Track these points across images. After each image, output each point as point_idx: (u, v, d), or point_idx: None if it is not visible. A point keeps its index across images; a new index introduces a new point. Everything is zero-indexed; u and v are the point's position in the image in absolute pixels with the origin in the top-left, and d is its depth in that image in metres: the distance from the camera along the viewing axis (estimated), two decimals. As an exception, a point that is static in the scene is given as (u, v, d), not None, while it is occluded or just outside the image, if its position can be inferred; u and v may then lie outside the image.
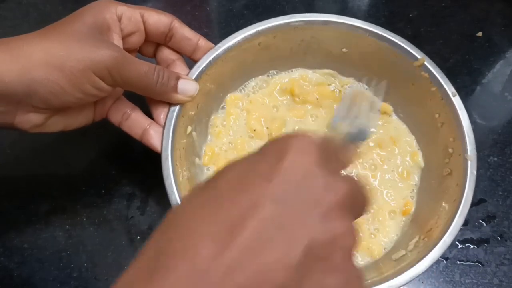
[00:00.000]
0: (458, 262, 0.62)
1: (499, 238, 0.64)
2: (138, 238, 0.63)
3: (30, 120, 0.49)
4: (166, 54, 0.59)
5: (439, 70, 0.58)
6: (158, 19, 0.55)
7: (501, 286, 0.61)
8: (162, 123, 0.56)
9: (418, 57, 0.58)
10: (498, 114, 0.74)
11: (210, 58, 0.58)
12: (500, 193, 0.67)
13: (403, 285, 0.48)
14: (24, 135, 0.69)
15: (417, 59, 0.59)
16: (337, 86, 0.67)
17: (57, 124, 0.53)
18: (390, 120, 0.66)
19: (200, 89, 0.57)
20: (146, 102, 0.58)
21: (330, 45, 0.64)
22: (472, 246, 0.63)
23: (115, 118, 0.57)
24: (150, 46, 0.59)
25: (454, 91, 0.56)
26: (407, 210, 0.59)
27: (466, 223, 0.65)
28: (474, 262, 0.62)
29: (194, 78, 0.57)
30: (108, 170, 0.67)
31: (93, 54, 0.47)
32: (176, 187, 0.51)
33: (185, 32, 0.57)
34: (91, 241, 0.63)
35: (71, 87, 0.47)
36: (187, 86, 0.55)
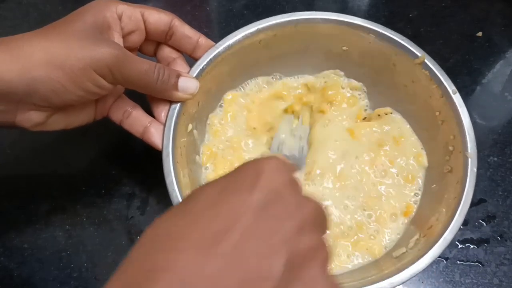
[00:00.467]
0: (458, 262, 0.62)
1: (499, 238, 0.64)
2: (138, 238, 0.63)
3: (31, 118, 0.49)
4: (166, 52, 0.59)
5: (439, 67, 0.58)
6: (159, 18, 0.56)
7: (501, 286, 0.61)
8: (163, 121, 0.56)
9: (418, 54, 0.58)
10: (498, 114, 0.74)
11: (211, 56, 0.58)
12: (500, 193, 0.67)
13: (404, 282, 0.47)
14: (24, 135, 0.69)
15: (417, 57, 0.59)
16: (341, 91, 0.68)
17: (58, 122, 0.53)
18: (393, 118, 0.65)
19: (200, 87, 0.57)
20: (147, 100, 0.58)
21: (330, 43, 0.64)
22: (472, 246, 0.63)
23: (116, 116, 0.58)
24: (151, 45, 0.60)
25: (455, 89, 0.56)
26: (409, 212, 0.59)
27: (466, 223, 0.65)
28: (474, 262, 0.62)
29: (194, 76, 0.57)
30: (108, 170, 0.67)
31: (93, 52, 0.47)
32: (177, 185, 0.51)
33: (185, 30, 0.58)
34: (91, 241, 0.63)
35: (72, 85, 0.47)
36: (188, 84, 0.55)
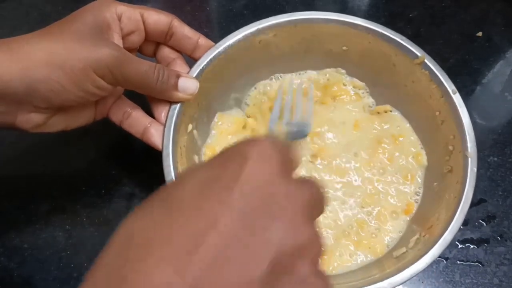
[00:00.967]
0: (458, 262, 0.62)
1: (499, 238, 0.64)
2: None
3: (31, 120, 0.50)
4: (166, 53, 0.59)
5: (439, 67, 0.58)
6: (158, 18, 0.56)
7: (501, 286, 0.61)
8: (163, 122, 0.56)
9: (418, 54, 0.59)
10: (498, 114, 0.74)
11: (211, 56, 0.58)
12: (500, 193, 0.67)
13: (404, 282, 0.47)
14: (24, 135, 0.69)
15: (417, 57, 0.59)
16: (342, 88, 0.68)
17: (58, 123, 0.53)
18: (393, 117, 0.65)
19: (201, 87, 0.57)
20: (147, 101, 0.58)
21: (330, 43, 0.64)
22: (472, 246, 0.63)
23: (116, 117, 0.58)
24: (150, 45, 0.60)
25: (454, 89, 0.57)
26: (409, 210, 0.59)
27: (466, 223, 0.65)
28: (474, 262, 0.62)
29: (194, 76, 0.57)
30: (108, 170, 0.67)
31: (93, 53, 0.47)
32: (177, 185, 0.51)
33: (185, 30, 0.58)
34: (91, 241, 0.63)
35: (72, 86, 0.47)
36: (188, 84, 0.55)
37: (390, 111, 0.65)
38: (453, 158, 0.56)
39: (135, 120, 0.57)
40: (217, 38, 0.60)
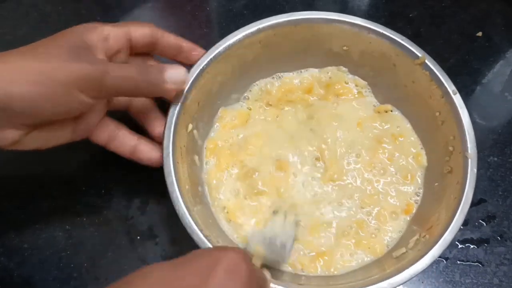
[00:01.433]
0: (458, 262, 0.62)
1: (499, 238, 0.64)
2: (138, 238, 0.63)
3: (7, 137, 0.48)
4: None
5: (440, 68, 0.58)
6: (142, 32, 0.55)
7: (501, 286, 0.61)
8: (157, 134, 0.56)
9: (419, 55, 0.59)
10: (498, 114, 0.74)
11: (211, 56, 0.58)
12: (500, 193, 0.67)
13: (404, 283, 0.47)
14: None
15: (417, 57, 0.59)
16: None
17: (34, 141, 0.52)
18: (394, 117, 0.65)
19: (201, 87, 0.57)
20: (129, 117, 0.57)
21: (330, 43, 0.64)
22: (472, 246, 0.63)
23: (101, 138, 0.57)
24: (137, 58, 0.59)
25: (455, 89, 0.56)
26: (409, 210, 0.59)
27: (466, 223, 0.65)
28: (474, 262, 0.62)
29: (195, 76, 0.57)
30: (108, 170, 0.67)
31: (74, 67, 0.46)
32: (177, 185, 0.51)
33: (168, 38, 0.57)
34: (91, 241, 0.63)
35: (51, 101, 0.46)
36: (175, 73, 0.53)
37: (391, 111, 0.65)
38: (453, 159, 0.56)
39: (122, 140, 0.57)
40: (217, 38, 0.60)
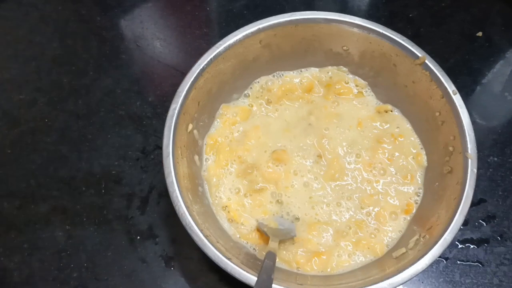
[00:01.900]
0: (458, 262, 0.62)
1: (499, 238, 0.64)
2: (138, 238, 0.63)
3: None
4: None
5: (440, 68, 0.58)
6: None
7: (501, 286, 0.61)
8: None
9: (419, 55, 0.59)
10: (498, 114, 0.74)
11: (211, 56, 0.58)
12: (500, 193, 0.67)
13: (404, 283, 0.47)
14: (24, 135, 0.70)
15: (418, 57, 0.59)
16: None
17: None
18: (394, 117, 0.65)
19: (201, 87, 0.57)
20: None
21: (330, 43, 0.64)
22: (472, 246, 0.63)
23: None
24: None
25: (455, 89, 0.56)
26: (409, 210, 0.59)
27: (466, 223, 0.65)
28: (474, 262, 0.62)
29: (195, 76, 0.57)
30: (108, 170, 0.67)
31: None
32: (177, 185, 0.51)
33: None
34: (91, 241, 0.63)
35: None
36: None
37: (391, 111, 0.65)
38: (453, 159, 0.56)
39: None
40: (217, 38, 0.60)
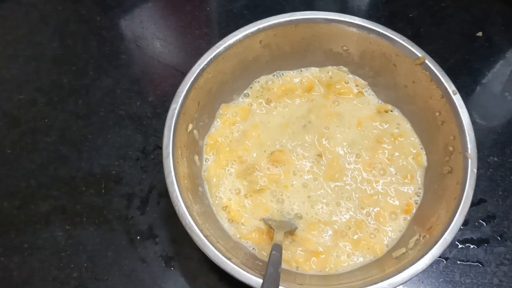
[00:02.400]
0: (458, 262, 0.62)
1: (499, 238, 0.64)
2: (138, 238, 0.63)
3: None
4: None
5: (440, 68, 0.58)
6: None
7: (501, 286, 0.61)
8: None
9: (419, 55, 0.59)
10: (498, 114, 0.74)
11: (211, 56, 0.58)
12: (500, 193, 0.67)
13: (404, 283, 0.47)
14: (24, 135, 0.70)
15: (418, 57, 0.59)
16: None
17: None
18: (394, 117, 0.65)
19: (201, 87, 0.57)
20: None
21: (330, 43, 0.64)
22: (472, 246, 0.63)
23: None
24: None
25: (455, 89, 0.56)
26: (409, 210, 0.59)
27: (466, 223, 0.65)
28: (474, 262, 0.62)
29: (195, 76, 0.57)
30: (108, 170, 0.67)
31: None
32: (177, 185, 0.51)
33: None
34: (91, 241, 0.63)
35: None
36: None
37: (391, 111, 0.65)
38: (453, 159, 0.56)
39: None
40: (217, 38, 0.60)
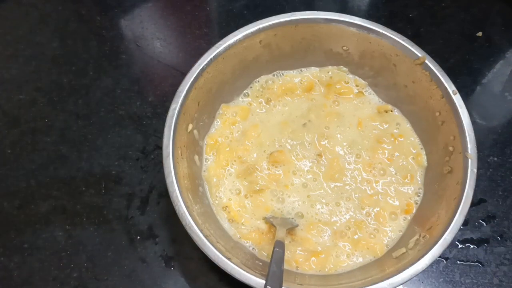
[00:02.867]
0: (458, 262, 0.62)
1: (499, 238, 0.64)
2: (138, 238, 0.63)
3: None
4: None
5: (440, 68, 0.58)
6: None
7: (501, 286, 0.61)
8: None
9: (419, 55, 0.58)
10: (498, 114, 0.74)
11: (211, 56, 0.58)
12: (500, 193, 0.67)
13: (404, 283, 0.47)
14: (24, 135, 0.70)
15: (418, 57, 0.59)
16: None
17: None
18: (394, 117, 0.65)
19: (201, 87, 0.57)
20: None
21: (330, 43, 0.64)
22: (472, 246, 0.63)
23: None
24: None
25: (455, 89, 0.56)
26: (409, 210, 0.59)
27: (466, 223, 0.65)
28: (474, 262, 0.62)
29: (195, 76, 0.57)
30: (108, 170, 0.67)
31: None
32: (177, 185, 0.51)
33: None
34: (91, 241, 0.63)
35: None
36: None
37: (391, 111, 0.65)
38: (453, 159, 0.56)
39: None
40: (217, 38, 0.60)
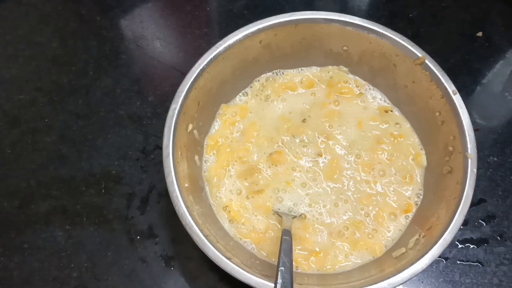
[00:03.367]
0: (458, 262, 0.62)
1: (499, 238, 0.64)
2: (138, 238, 0.63)
3: None
4: None
5: (440, 68, 0.58)
6: None
7: (501, 286, 0.61)
8: None
9: (419, 55, 0.58)
10: (498, 114, 0.74)
11: (211, 56, 0.58)
12: (500, 193, 0.67)
13: (404, 282, 0.47)
14: (24, 135, 0.70)
15: (418, 57, 0.59)
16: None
17: None
18: (393, 117, 0.65)
19: (201, 87, 0.57)
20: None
21: (331, 43, 0.64)
22: (472, 246, 0.63)
23: None
24: None
25: (455, 89, 0.56)
26: (408, 211, 0.59)
27: (466, 223, 0.65)
28: (474, 262, 0.62)
29: (195, 76, 0.57)
30: (108, 170, 0.67)
31: None
32: (177, 185, 0.51)
33: None
34: (91, 241, 0.63)
35: None
36: None
37: (391, 111, 0.65)
38: (453, 159, 0.56)
39: None
40: (217, 38, 0.60)
